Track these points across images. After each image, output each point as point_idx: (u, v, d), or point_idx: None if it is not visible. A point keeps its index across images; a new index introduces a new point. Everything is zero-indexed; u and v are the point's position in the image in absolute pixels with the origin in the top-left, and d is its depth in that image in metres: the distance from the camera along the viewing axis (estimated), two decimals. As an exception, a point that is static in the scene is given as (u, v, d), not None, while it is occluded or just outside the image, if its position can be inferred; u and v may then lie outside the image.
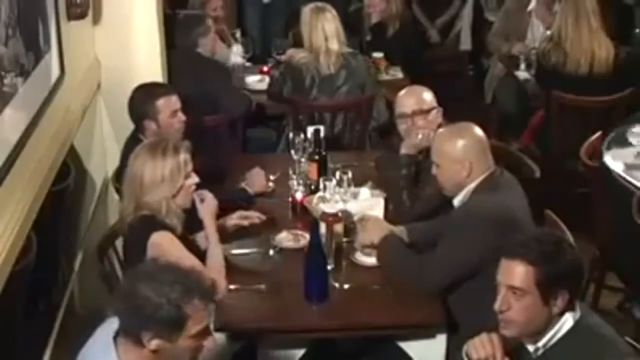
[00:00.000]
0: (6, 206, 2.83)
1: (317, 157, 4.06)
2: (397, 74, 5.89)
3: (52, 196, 3.39)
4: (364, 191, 3.91)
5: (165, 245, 3.14)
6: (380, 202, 3.79)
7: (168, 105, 3.95)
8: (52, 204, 3.39)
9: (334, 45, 5.03)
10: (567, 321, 2.49)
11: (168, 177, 3.21)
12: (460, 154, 3.29)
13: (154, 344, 2.31)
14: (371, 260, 3.43)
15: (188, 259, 3.06)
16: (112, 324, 2.42)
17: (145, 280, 2.33)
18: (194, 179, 3.30)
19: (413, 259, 3.29)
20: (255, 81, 5.65)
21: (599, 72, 5.08)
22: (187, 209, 3.33)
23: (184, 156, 3.26)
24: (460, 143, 3.30)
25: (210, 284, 2.46)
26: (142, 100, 3.98)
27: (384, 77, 5.78)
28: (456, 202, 3.36)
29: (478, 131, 3.37)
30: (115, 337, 2.39)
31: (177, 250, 3.13)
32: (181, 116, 4.00)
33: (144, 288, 2.31)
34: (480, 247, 3.10)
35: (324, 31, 5.01)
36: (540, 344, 2.53)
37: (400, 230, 3.50)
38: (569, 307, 2.49)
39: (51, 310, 3.65)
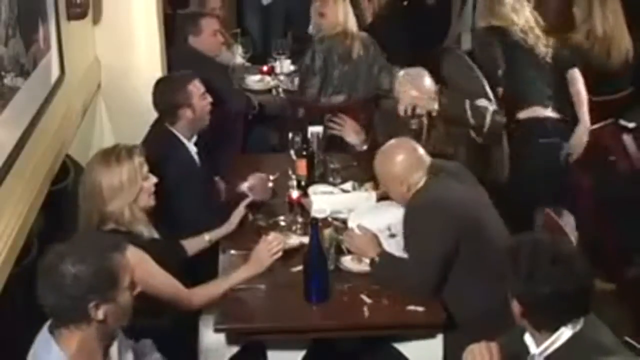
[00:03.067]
0: (6, 206, 2.83)
1: (304, 152, 4.11)
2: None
3: (52, 196, 3.39)
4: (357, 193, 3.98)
5: (137, 263, 3.11)
6: (373, 196, 3.86)
7: (197, 88, 3.94)
8: (52, 204, 3.39)
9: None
10: (565, 332, 2.47)
11: (126, 183, 3.19)
12: (394, 172, 3.43)
13: (102, 312, 2.39)
14: (358, 267, 3.43)
15: (161, 276, 3.08)
16: (45, 328, 2.46)
17: (64, 260, 2.38)
18: (152, 179, 3.29)
19: (401, 272, 3.32)
20: (255, 81, 5.65)
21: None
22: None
23: (138, 159, 3.24)
24: (391, 163, 3.44)
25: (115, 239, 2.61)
26: (172, 89, 3.93)
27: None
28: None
29: (406, 145, 3.48)
30: (51, 331, 2.43)
31: (150, 267, 3.07)
32: (208, 98, 3.99)
33: (67, 267, 2.36)
34: (439, 237, 3.23)
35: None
36: (537, 351, 2.53)
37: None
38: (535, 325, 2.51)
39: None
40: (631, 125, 4.50)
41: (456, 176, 3.44)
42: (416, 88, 4.04)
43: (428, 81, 4.07)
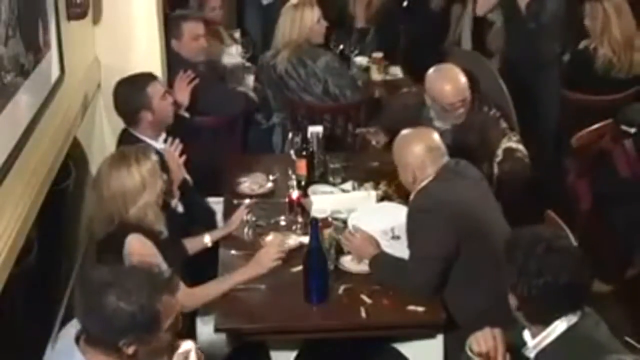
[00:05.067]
0: (6, 206, 2.83)
1: (304, 152, 4.10)
2: (397, 73, 5.89)
3: (52, 196, 3.40)
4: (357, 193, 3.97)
5: (139, 249, 3.12)
6: (373, 196, 3.85)
7: (158, 90, 3.96)
8: (52, 204, 3.39)
9: None
10: (560, 326, 2.48)
11: (149, 180, 3.19)
12: (407, 160, 3.42)
13: (133, 348, 2.31)
14: (358, 267, 3.42)
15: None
16: (71, 328, 2.41)
17: (110, 290, 2.28)
18: (164, 176, 3.31)
19: (401, 271, 3.32)
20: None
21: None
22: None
23: (154, 157, 3.27)
24: (409, 150, 3.42)
25: (172, 277, 2.45)
26: (131, 92, 3.97)
27: (385, 77, 5.77)
28: (411, 196, 3.45)
29: (429, 137, 3.45)
30: (77, 340, 2.37)
31: (150, 254, 3.09)
32: (170, 98, 4.02)
33: (111, 298, 2.27)
34: (440, 238, 3.23)
35: None
36: (531, 344, 2.53)
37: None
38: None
39: (51, 310, 3.65)
40: (632, 130, 4.50)
41: (463, 176, 3.42)
42: (450, 82, 4.00)
43: (461, 77, 4.02)
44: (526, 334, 2.57)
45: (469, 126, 4.06)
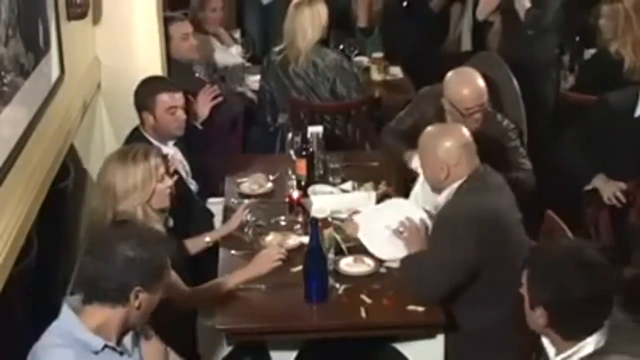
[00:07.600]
0: (6, 206, 2.83)
1: (304, 152, 4.10)
2: (397, 74, 5.89)
3: (52, 196, 3.40)
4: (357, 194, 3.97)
5: None
6: (373, 196, 3.84)
7: (168, 101, 3.94)
8: (52, 204, 3.39)
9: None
10: (587, 346, 2.39)
11: (140, 184, 3.20)
12: (441, 156, 3.33)
13: (139, 300, 2.44)
14: (357, 270, 3.42)
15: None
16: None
17: (124, 243, 2.44)
18: (168, 181, 3.29)
19: (424, 273, 3.27)
20: (255, 81, 5.64)
21: None
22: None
23: (154, 161, 3.25)
24: (443, 145, 3.34)
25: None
26: (145, 92, 3.99)
27: (385, 77, 5.78)
28: (441, 199, 3.40)
29: (464, 133, 3.39)
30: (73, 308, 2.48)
31: None
32: (181, 114, 3.98)
33: (127, 246, 2.43)
34: (467, 248, 3.17)
35: None
36: (558, 358, 2.45)
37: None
38: (559, 330, 2.41)
39: (51, 310, 3.64)
40: None
41: (490, 184, 3.36)
42: (469, 86, 3.91)
43: (480, 81, 3.95)
44: (548, 346, 2.49)
45: (486, 136, 4.00)
